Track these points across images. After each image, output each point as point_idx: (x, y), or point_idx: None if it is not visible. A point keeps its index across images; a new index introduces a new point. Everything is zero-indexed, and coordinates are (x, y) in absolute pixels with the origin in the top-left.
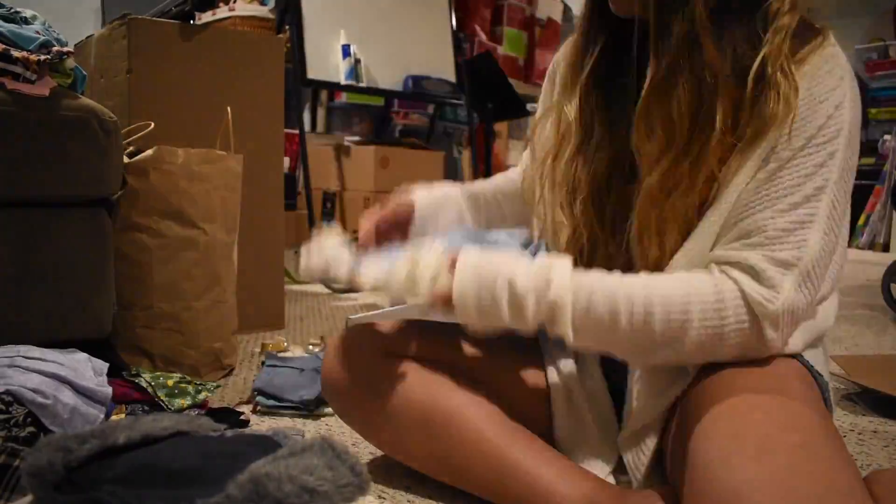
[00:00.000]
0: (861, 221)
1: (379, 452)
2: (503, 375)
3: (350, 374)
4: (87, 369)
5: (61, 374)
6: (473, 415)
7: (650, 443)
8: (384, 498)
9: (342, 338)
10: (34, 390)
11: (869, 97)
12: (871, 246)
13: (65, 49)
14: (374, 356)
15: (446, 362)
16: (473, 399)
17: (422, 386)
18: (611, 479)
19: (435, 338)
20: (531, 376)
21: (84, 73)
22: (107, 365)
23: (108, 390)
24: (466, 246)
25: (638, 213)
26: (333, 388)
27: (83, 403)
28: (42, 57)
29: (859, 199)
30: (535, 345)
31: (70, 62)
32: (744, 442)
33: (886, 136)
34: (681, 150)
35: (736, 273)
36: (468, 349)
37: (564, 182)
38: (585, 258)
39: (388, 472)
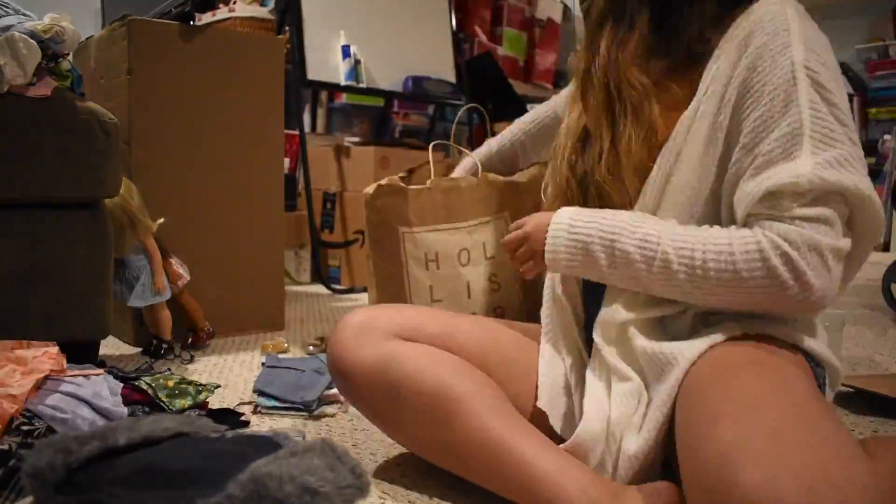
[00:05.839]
0: None
1: (380, 454)
2: (511, 368)
3: (362, 353)
4: (104, 389)
5: (80, 394)
6: (478, 405)
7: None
8: (384, 499)
9: (355, 317)
10: (53, 407)
11: (869, 97)
12: None
13: (61, 52)
14: (387, 338)
15: (456, 350)
16: (480, 388)
17: (432, 371)
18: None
19: (447, 325)
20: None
21: (80, 72)
22: (121, 385)
23: (124, 411)
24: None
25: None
26: (344, 366)
27: (101, 420)
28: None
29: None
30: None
31: (65, 64)
32: (733, 403)
33: (886, 136)
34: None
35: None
36: (479, 338)
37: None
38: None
39: (389, 473)
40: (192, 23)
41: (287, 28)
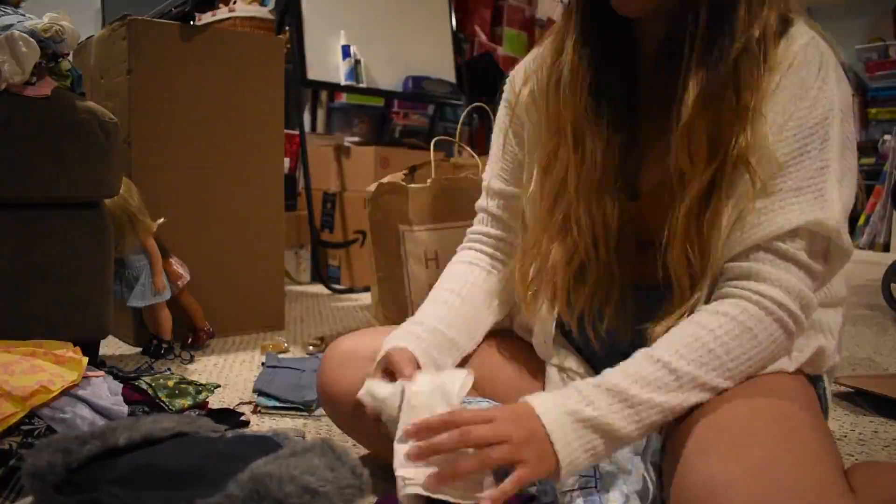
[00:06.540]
0: (861, 221)
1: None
2: (496, 382)
3: (346, 382)
4: (104, 389)
5: (80, 394)
6: None
7: None
8: None
9: (339, 347)
10: (53, 407)
11: (869, 97)
12: (871, 246)
13: (61, 51)
14: (370, 365)
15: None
16: None
17: None
18: None
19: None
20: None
21: (80, 72)
22: (121, 385)
23: (124, 409)
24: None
25: (679, 226)
26: (331, 398)
27: (100, 420)
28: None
29: (859, 199)
30: (536, 361)
31: (65, 64)
32: (723, 435)
33: (886, 136)
34: (724, 160)
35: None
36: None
37: (554, 199)
38: (585, 282)
39: (389, 473)
40: (192, 23)
41: (287, 28)
